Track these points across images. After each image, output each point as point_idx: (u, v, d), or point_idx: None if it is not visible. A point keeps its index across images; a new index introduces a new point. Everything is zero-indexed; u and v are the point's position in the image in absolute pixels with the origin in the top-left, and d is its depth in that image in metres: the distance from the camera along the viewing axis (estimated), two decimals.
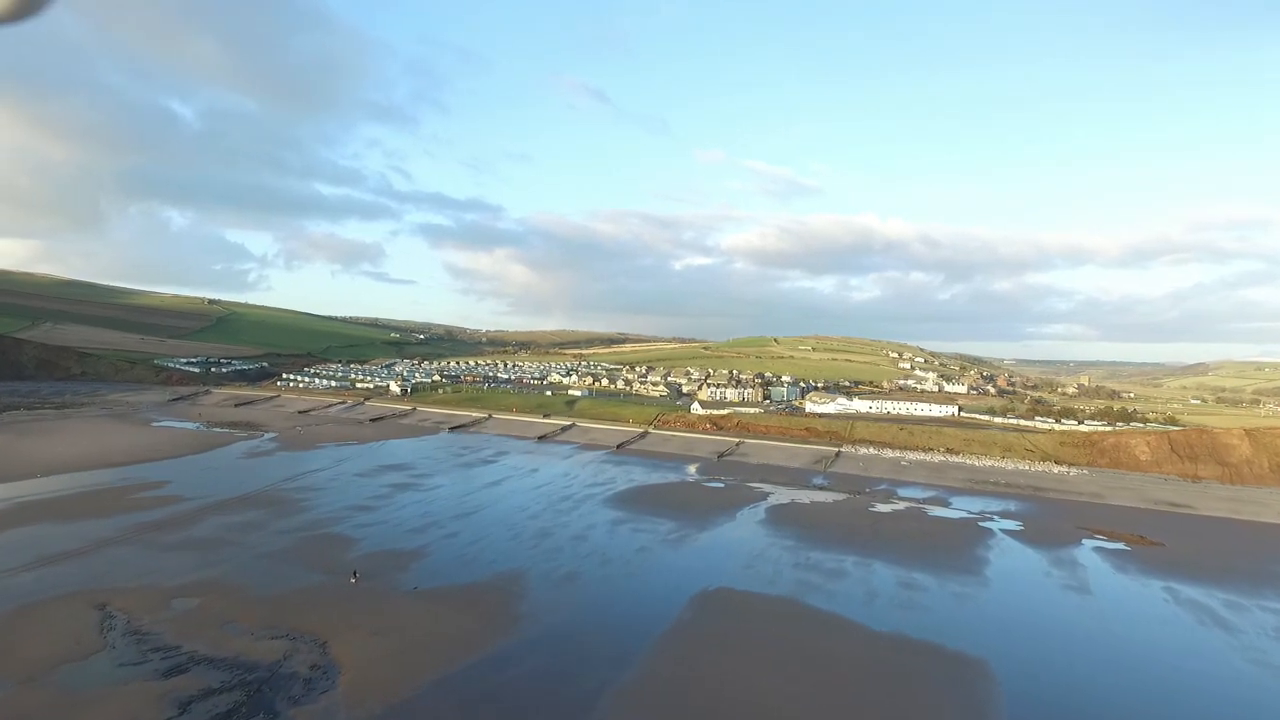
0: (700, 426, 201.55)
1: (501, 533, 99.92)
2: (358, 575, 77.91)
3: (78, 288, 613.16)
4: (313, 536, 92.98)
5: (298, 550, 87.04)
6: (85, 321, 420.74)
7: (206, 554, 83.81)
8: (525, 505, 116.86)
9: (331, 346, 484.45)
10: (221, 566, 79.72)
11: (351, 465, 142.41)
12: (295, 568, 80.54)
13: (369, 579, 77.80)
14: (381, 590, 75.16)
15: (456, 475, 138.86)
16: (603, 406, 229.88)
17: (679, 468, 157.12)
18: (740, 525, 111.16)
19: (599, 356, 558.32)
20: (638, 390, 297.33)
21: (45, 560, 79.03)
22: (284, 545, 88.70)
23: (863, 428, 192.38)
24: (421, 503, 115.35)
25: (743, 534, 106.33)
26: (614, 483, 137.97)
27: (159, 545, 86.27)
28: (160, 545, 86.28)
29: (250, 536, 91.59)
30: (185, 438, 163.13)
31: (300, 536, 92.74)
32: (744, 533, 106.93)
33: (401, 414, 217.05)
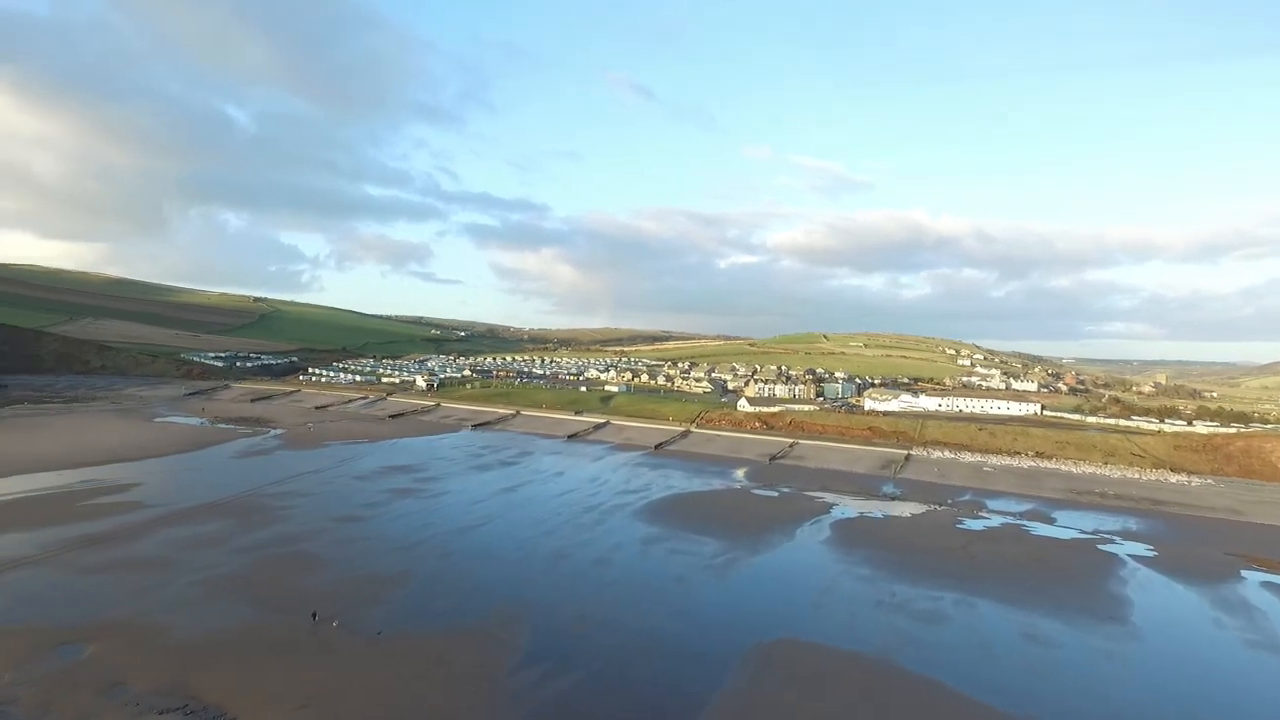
0: (748, 425, 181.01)
1: (507, 554, 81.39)
2: (317, 615, 59.81)
3: (128, 286, 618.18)
4: (276, 556, 75.74)
5: (251, 575, 69.76)
6: (126, 317, 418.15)
7: (135, 579, 67.10)
8: (542, 517, 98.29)
9: (370, 343, 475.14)
10: (146, 598, 62.78)
11: (354, 466, 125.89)
12: (238, 601, 63.12)
13: (327, 614, 59.88)
14: (334, 635, 57.11)
15: (469, 479, 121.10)
16: (641, 403, 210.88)
17: (725, 472, 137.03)
18: (801, 546, 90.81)
19: (641, 354, 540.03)
20: (680, 386, 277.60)
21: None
22: (237, 568, 71.55)
23: (934, 428, 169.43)
24: (421, 512, 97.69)
25: (805, 558, 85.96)
26: (649, 490, 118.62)
27: (81, 567, 69.90)
28: (83, 567, 69.91)
29: (201, 555, 74.78)
30: (183, 434, 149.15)
31: (261, 556, 75.59)
32: (807, 556, 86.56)
33: (423, 410, 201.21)
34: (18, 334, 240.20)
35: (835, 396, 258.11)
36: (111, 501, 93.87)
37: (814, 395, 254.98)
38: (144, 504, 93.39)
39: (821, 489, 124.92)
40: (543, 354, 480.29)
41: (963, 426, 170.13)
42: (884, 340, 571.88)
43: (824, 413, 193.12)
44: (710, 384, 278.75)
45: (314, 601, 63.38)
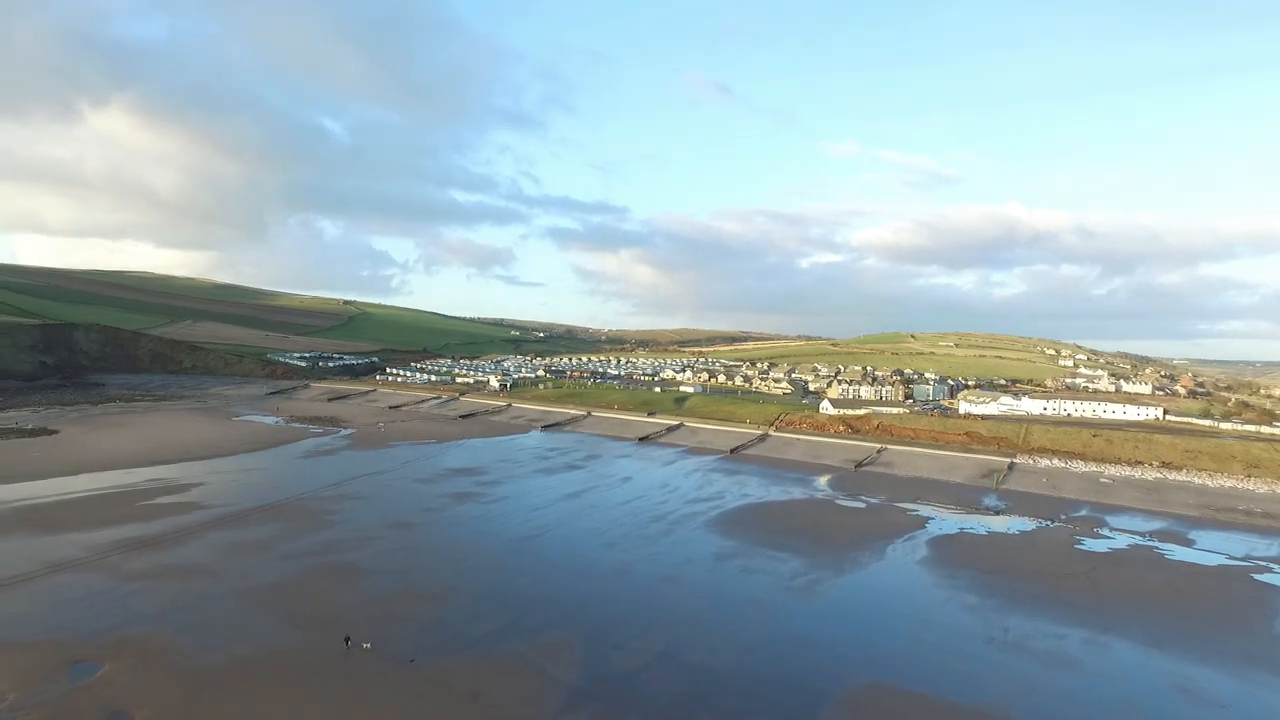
0: (831, 428, 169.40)
1: (563, 569, 74.39)
2: (350, 640, 53.80)
3: (230, 290, 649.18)
4: (319, 565, 71.04)
5: (289, 587, 65.07)
6: (223, 320, 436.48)
7: (172, 588, 63.35)
8: (605, 527, 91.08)
9: (450, 344, 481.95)
10: (176, 610, 58.67)
11: (416, 468, 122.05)
12: (270, 618, 58.19)
13: (361, 636, 54.07)
14: (364, 660, 51.18)
15: (532, 483, 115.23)
16: (716, 404, 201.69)
17: (806, 480, 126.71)
18: (894, 566, 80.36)
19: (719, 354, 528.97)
20: (758, 387, 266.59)
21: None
22: (276, 578, 67.07)
23: (1040, 433, 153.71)
24: (477, 520, 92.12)
25: (899, 581, 75.60)
26: (722, 498, 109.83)
27: (122, 572, 66.77)
28: (124, 572, 66.77)
29: (243, 562, 70.85)
30: (256, 433, 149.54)
31: (304, 565, 71.04)
32: (901, 579, 76.15)
33: (494, 410, 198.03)
34: (119, 335, 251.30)
35: (925, 399, 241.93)
36: (170, 502, 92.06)
37: (902, 397, 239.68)
38: (201, 505, 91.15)
39: (914, 500, 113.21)
40: (619, 354, 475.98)
41: (1073, 432, 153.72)
42: (976, 340, 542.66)
43: (914, 416, 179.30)
44: (790, 385, 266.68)
45: (349, 619, 57.87)
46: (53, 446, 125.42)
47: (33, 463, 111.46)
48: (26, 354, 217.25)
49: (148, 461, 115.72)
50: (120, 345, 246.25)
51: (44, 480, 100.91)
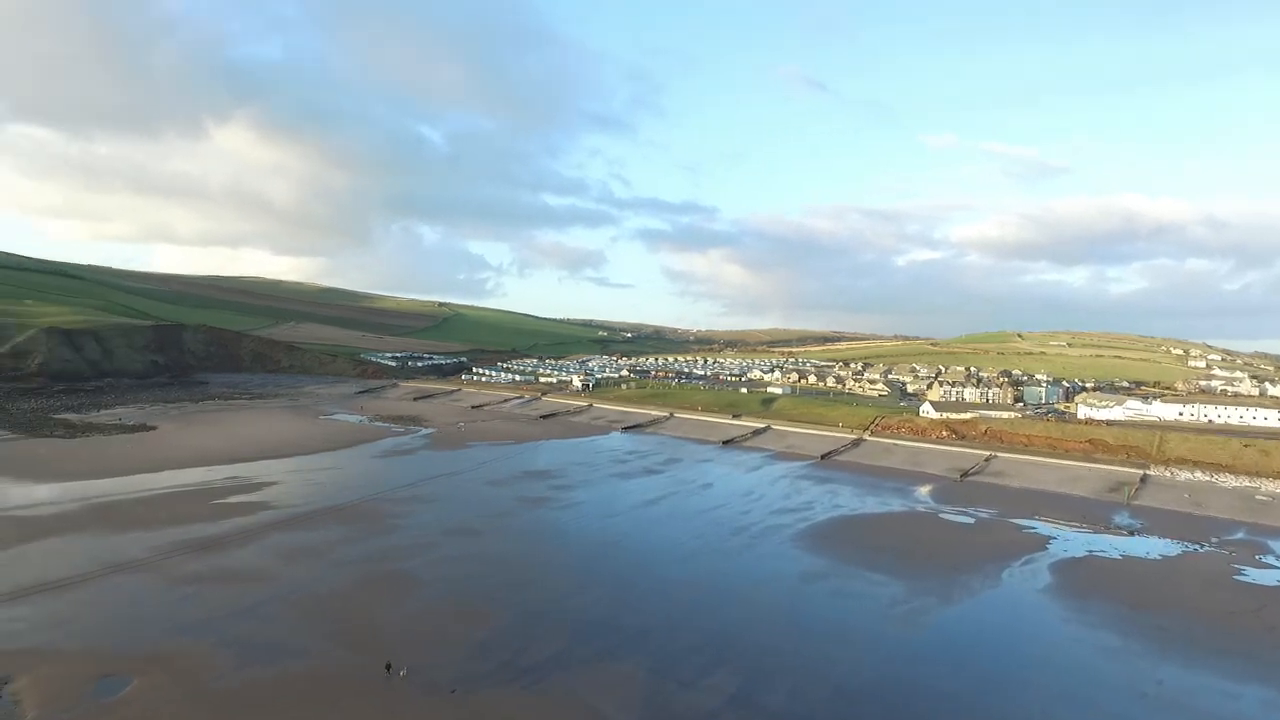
0: (933, 434, 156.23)
1: (633, 584, 67.68)
2: (391, 666, 48.63)
3: (334, 294, 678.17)
4: (373, 575, 66.97)
5: (338, 598, 61.07)
6: (324, 321, 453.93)
7: (221, 595, 60.44)
8: (681, 539, 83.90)
9: (538, 344, 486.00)
10: (220, 620, 55.41)
11: (490, 470, 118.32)
12: (313, 633, 54.06)
13: (403, 660, 49.00)
14: (400, 688, 45.96)
15: (607, 489, 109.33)
16: (806, 406, 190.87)
17: (905, 490, 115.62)
18: (1012, 594, 69.71)
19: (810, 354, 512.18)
20: (851, 389, 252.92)
21: (24, 591, 59.54)
22: (328, 588, 63.29)
23: (1178, 442, 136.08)
24: (545, 528, 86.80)
25: (1021, 614, 65.09)
26: (812, 509, 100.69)
27: (176, 575, 64.55)
28: (178, 575, 64.53)
29: (298, 569, 67.64)
30: (339, 432, 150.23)
31: (358, 573, 67.14)
32: (1022, 611, 65.60)
33: (575, 411, 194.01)
34: (223, 336, 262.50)
35: (1037, 401, 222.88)
36: (241, 501, 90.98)
37: (1011, 400, 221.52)
38: (269, 505, 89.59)
39: (1031, 515, 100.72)
40: (706, 354, 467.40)
41: (1219, 441, 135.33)
42: (1091, 339, 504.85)
43: (1027, 420, 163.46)
44: (886, 386, 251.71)
45: (395, 637, 53.09)
46: (148, 443, 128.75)
47: (125, 459, 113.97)
48: (140, 354, 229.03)
49: (231, 459, 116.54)
50: (224, 345, 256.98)
51: (130, 476, 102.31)
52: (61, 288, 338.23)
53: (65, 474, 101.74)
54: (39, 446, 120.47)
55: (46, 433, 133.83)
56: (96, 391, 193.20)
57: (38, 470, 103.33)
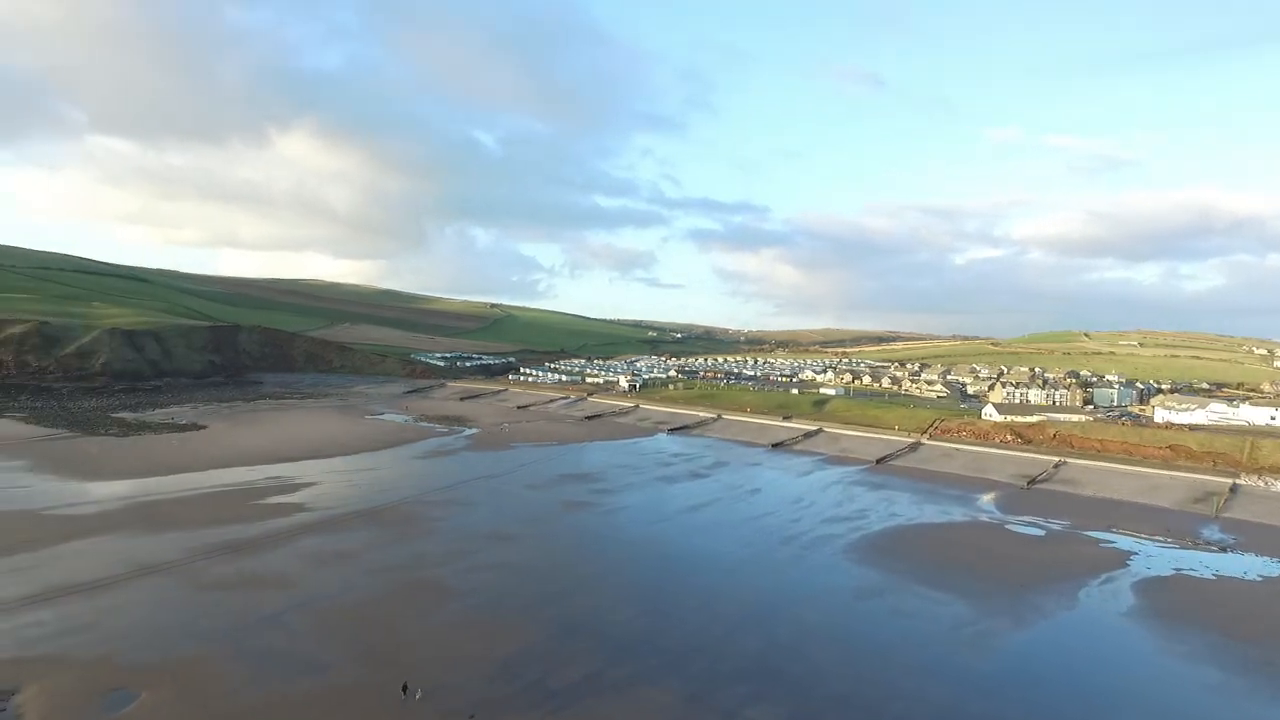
0: (996, 437, 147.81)
1: (674, 598, 63.37)
2: (408, 687, 45.45)
3: (391, 295, 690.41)
4: (402, 583, 64.23)
5: (365, 607, 58.40)
6: (378, 322, 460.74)
7: (244, 601, 58.41)
8: (727, 549, 79.27)
9: (587, 344, 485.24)
10: (239, 630, 53.21)
11: (531, 472, 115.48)
12: (333, 646, 51.39)
13: (425, 674, 45.84)
14: (416, 712, 42.69)
15: (650, 493, 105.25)
16: (860, 408, 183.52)
17: (967, 498, 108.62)
18: (1091, 617, 63.23)
19: (864, 354, 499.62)
20: (908, 390, 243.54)
21: (51, 593, 58.43)
22: (355, 597, 60.71)
23: (1273, 448, 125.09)
24: (583, 534, 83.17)
25: (1103, 641, 58.65)
26: (866, 517, 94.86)
27: (203, 580, 62.84)
28: (204, 580, 62.82)
29: (326, 575, 65.35)
30: (383, 431, 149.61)
31: (387, 581, 64.48)
32: (1105, 638, 59.14)
33: (621, 411, 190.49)
34: (277, 336, 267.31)
35: (1108, 404, 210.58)
36: (278, 502, 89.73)
37: (1080, 402, 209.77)
38: (306, 507, 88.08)
39: (1107, 528, 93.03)
40: (757, 354, 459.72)
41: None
42: (1165, 338, 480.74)
43: (1100, 424, 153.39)
44: (945, 387, 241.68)
45: (418, 652, 50.04)
46: (196, 442, 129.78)
47: (173, 457, 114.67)
48: (198, 354, 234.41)
49: (275, 459, 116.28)
50: (278, 346, 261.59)
51: (175, 475, 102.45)
52: (129, 290, 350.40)
53: (113, 472, 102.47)
54: (92, 445, 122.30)
55: (102, 431, 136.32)
56: (155, 391, 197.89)
57: (88, 468, 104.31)
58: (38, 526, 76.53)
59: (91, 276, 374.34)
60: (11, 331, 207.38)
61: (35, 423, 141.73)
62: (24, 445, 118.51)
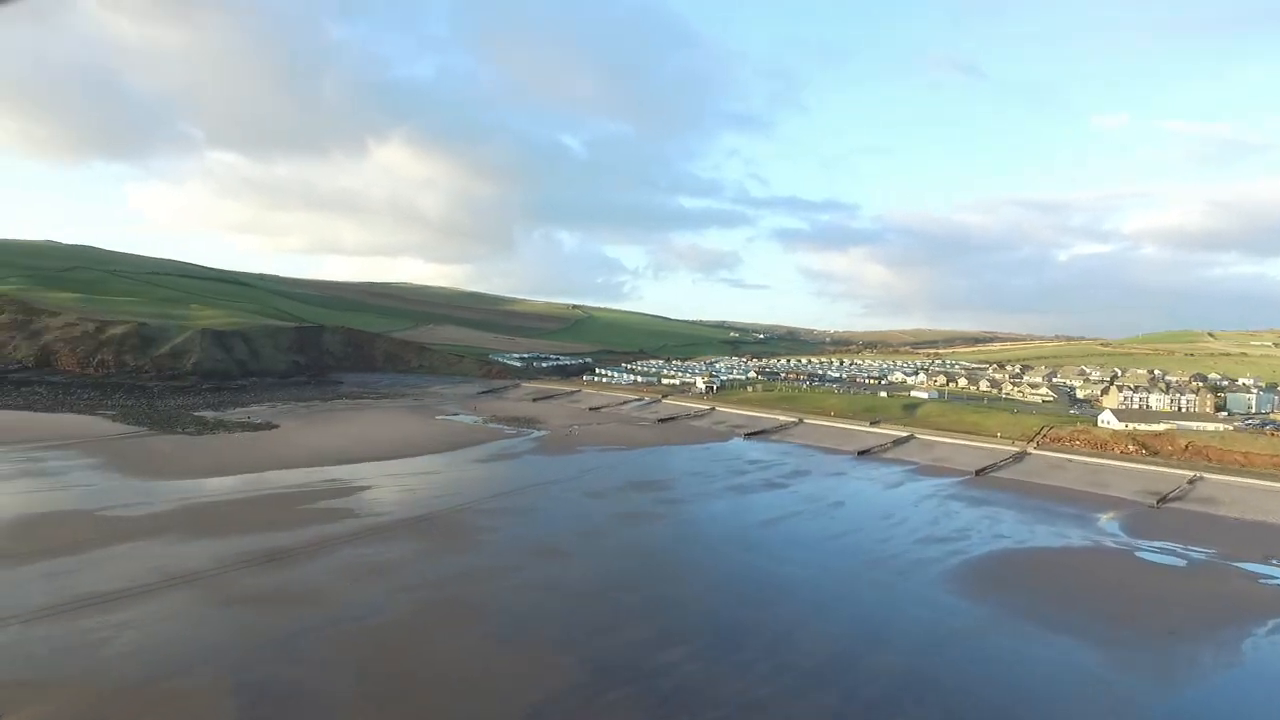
0: (1116, 448, 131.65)
1: (740, 636, 54.80)
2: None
3: (476, 298, 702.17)
4: (435, 602, 58.20)
5: (388, 630, 52.52)
6: (461, 323, 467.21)
7: (260, 621, 53.55)
8: (805, 574, 69.86)
9: (667, 345, 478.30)
10: (246, 656, 48.09)
11: (594, 479, 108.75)
12: (342, 677, 45.54)
13: (436, 717, 39.35)
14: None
15: (720, 505, 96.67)
16: (957, 413, 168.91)
17: (1085, 517, 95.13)
18: (1265, 676, 50.95)
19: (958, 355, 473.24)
20: (1009, 393, 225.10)
21: (70, 605, 55.08)
22: (381, 619, 54.97)
23: None
24: (642, 552, 75.42)
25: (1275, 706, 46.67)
26: (967, 538, 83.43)
27: (226, 594, 58.47)
28: (227, 594, 58.44)
29: (357, 591, 60.01)
30: (450, 433, 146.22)
31: (419, 600, 58.57)
32: None
33: (696, 414, 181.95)
34: (359, 337, 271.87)
35: (1245, 410, 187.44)
36: (327, 507, 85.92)
37: (1212, 408, 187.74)
38: (354, 513, 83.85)
39: (1264, 558, 78.56)
40: (843, 355, 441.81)
41: None
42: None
43: (1243, 435, 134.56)
44: (1051, 391, 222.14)
45: (432, 688, 43.67)
46: (265, 441, 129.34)
47: (239, 457, 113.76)
48: (283, 354, 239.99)
49: (338, 460, 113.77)
50: (359, 346, 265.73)
51: (236, 476, 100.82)
52: (229, 294, 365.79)
53: (177, 472, 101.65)
54: (165, 443, 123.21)
55: (179, 429, 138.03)
56: (239, 390, 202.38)
57: (155, 467, 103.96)
58: (89, 528, 74.71)
59: (196, 281, 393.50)
60: (113, 332, 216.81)
61: (121, 420, 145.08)
62: (103, 443, 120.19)
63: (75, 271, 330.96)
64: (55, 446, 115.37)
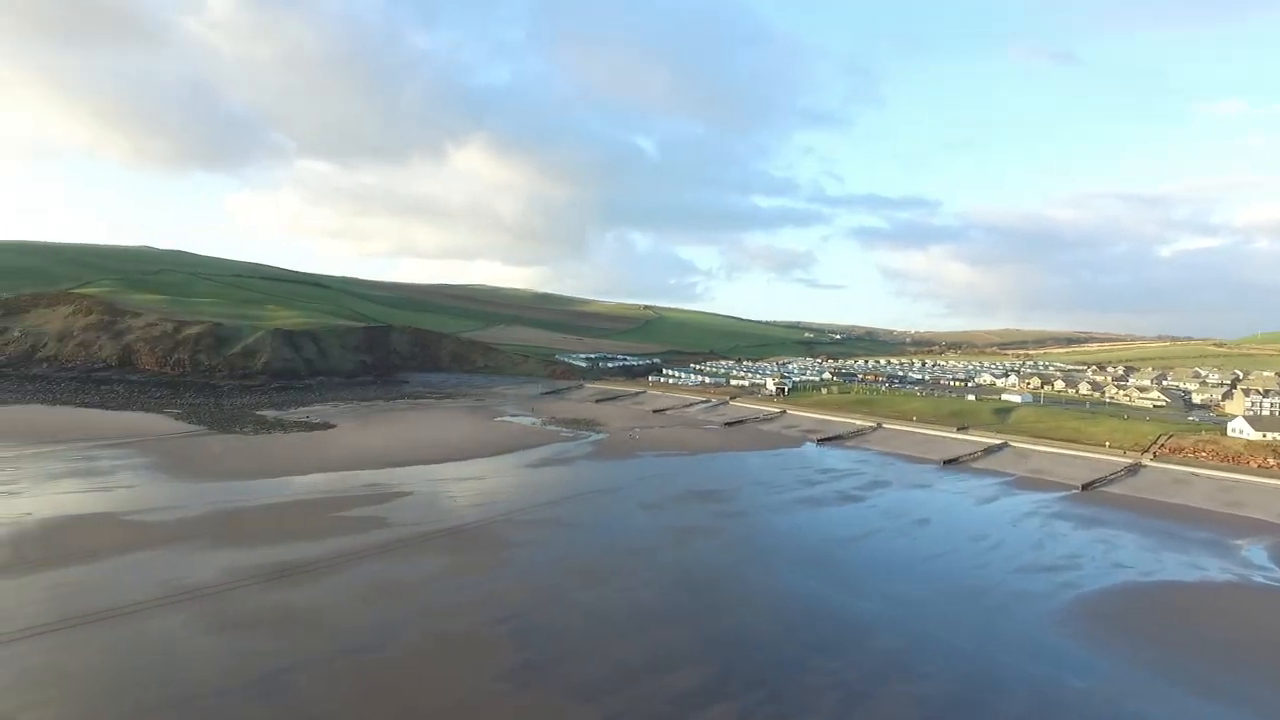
0: (1252, 461, 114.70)
1: (801, 689, 45.33)
2: None
3: (548, 299, 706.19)
4: (448, 634, 50.85)
5: (384, 668, 45.43)
6: (531, 324, 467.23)
7: (254, 648, 47.37)
8: (882, 609, 59.47)
9: (738, 346, 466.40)
10: (228, 693, 41.76)
11: (649, 488, 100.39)
12: None
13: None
14: None
15: (788, 520, 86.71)
16: (1055, 419, 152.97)
17: (1222, 543, 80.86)
18: None
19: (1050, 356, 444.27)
20: (1114, 398, 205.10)
21: (61, 623, 50.25)
22: (384, 649, 48.07)
23: None
24: (696, 575, 66.36)
25: None
26: (1079, 567, 71.15)
27: (231, 614, 52.63)
28: (233, 614, 52.60)
29: (364, 616, 53.34)
30: (505, 435, 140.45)
31: (431, 630, 51.38)
32: None
33: (765, 417, 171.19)
34: (425, 337, 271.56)
35: None
36: (359, 515, 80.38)
37: None
38: (385, 523, 77.89)
39: None
40: (924, 356, 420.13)
41: None
42: None
43: None
44: (1163, 395, 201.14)
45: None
46: (317, 442, 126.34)
47: (287, 459, 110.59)
48: (351, 353, 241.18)
49: (382, 463, 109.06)
50: (426, 346, 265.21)
51: (277, 479, 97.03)
52: (306, 295, 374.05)
53: (221, 473, 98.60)
54: (218, 443, 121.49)
55: (236, 429, 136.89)
56: (305, 389, 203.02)
57: (199, 468, 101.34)
58: (112, 533, 71.04)
59: (276, 283, 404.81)
60: (189, 332, 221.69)
61: (185, 419, 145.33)
62: (158, 442, 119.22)
63: (163, 274, 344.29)
64: (113, 445, 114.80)
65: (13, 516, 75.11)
